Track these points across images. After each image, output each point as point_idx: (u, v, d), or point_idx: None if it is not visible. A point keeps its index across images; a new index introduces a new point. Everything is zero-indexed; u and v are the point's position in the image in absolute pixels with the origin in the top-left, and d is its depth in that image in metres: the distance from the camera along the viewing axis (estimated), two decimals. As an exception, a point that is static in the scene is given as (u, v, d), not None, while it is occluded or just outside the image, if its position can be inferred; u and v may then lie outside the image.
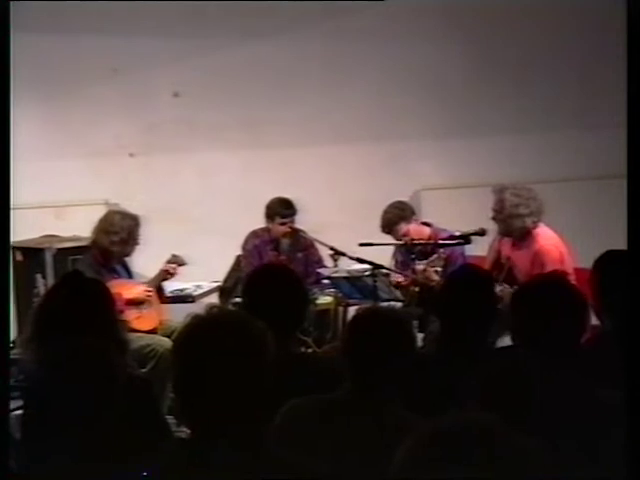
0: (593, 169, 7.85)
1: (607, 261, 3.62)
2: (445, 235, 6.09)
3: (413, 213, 6.45)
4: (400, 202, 6.53)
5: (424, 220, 6.54)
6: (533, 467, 1.50)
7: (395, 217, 6.34)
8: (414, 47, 7.88)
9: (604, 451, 2.58)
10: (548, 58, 7.94)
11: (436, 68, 7.92)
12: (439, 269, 5.83)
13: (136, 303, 6.03)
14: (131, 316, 5.88)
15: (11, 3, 3.38)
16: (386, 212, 6.40)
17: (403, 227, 6.31)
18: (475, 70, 7.94)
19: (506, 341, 3.61)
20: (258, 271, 3.95)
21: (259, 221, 6.83)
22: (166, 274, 6.25)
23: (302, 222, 6.80)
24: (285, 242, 6.84)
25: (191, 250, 6.44)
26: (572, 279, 5.05)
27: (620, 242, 3.16)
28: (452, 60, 7.91)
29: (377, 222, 6.36)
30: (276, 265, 5.47)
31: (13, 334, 6.85)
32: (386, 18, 7.83)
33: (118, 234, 6.07)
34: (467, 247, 5.95)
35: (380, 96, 7.96)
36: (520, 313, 3.19)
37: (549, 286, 3.25)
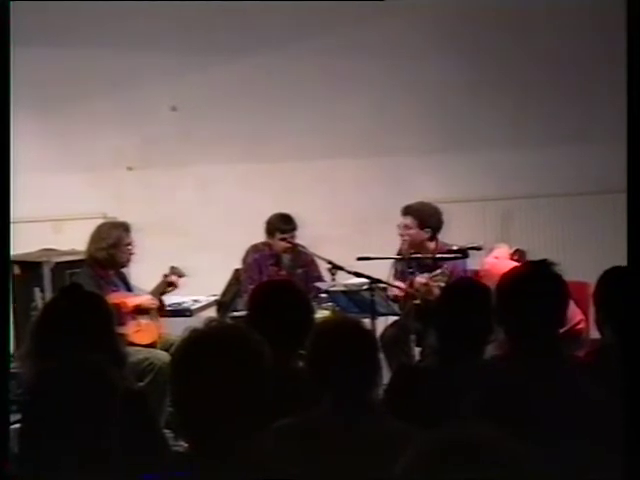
0: (592, 184, 7.84)
1: (612, 276, 3.59)
2: (444, 249, 6.06)
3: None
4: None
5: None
6: (531, 476, 1.51)
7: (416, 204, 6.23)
8: (411, 61, 7.88)
9: (602, 458, 2.58)
10: (547, 73, 7.94)
11: (434, 82, 7.92)
12: (442, 284, 5.77)
13: (142, 312, 6.02)
14: (130, 330, 5.88)
15: (11, 3, 3.38)
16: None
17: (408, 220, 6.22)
18: (473, 84, 7.94)
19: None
20: (264, 286, 3.95)
21: (257, 235, 6.82)
22: (167, 285, 6.25)
23: (299, 236, 6.79)
24: (286, 258, 6.84)
25: (189, 264, 6.43)
26: None
27: (619, 256, 3.16)
28: (450, 74, 7.91)
29: (375, 236, 6.33)
30: (283, 281, 5.42)
31: (11, 348, 6.85)
32: (383, 33, 7.84)
33: (105, 240, 6.09)
34: (469, 262, 5.92)
35: (377, 111, 7.97)
36: (502, 302, 3.12)
37: (528, 274, 3.17)
